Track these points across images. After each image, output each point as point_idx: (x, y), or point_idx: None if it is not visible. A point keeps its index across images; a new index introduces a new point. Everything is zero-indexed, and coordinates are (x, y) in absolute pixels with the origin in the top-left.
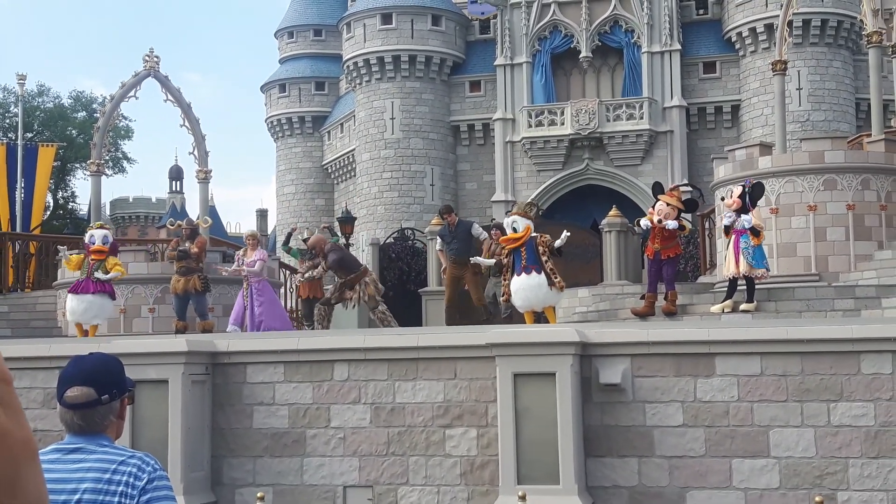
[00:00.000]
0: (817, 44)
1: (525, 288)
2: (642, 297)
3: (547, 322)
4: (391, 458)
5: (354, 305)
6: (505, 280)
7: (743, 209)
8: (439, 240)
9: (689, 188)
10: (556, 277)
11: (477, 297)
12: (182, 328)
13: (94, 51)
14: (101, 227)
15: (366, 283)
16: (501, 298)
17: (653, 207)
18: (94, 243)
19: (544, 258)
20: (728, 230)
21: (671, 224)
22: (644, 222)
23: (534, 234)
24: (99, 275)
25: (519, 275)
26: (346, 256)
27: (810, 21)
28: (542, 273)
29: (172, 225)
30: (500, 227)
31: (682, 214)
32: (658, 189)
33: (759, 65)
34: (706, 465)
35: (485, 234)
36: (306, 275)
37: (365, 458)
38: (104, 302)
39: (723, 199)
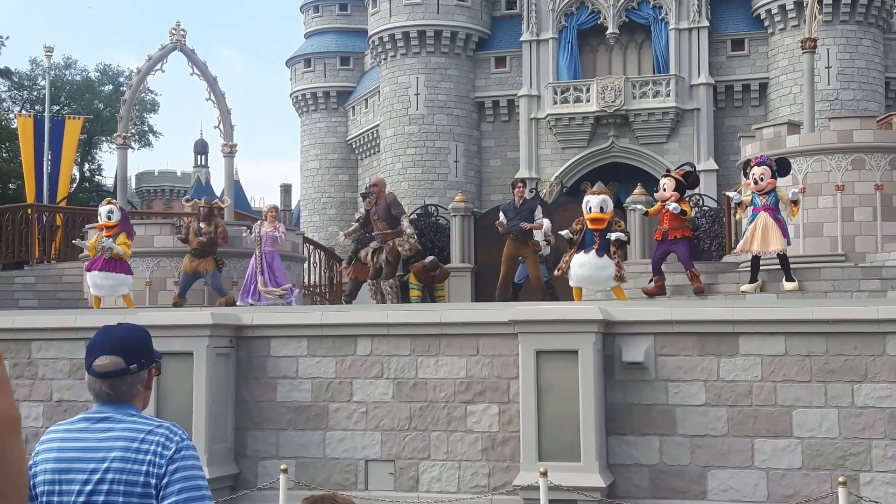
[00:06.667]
0: (847, 22)
1: (588, 266)
2: (651, 281)
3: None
4: (413, 433)
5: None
6: (567, 255)
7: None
8: (502, 214)
9: (686, 165)
10: (622, 271)
11: (535, 275)
12: (179, 305)
13: (122, 24)
14: (109, 202)
15: (398, 242)
16: (556, 272)
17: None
18: (101, 219)
19: (613, 249)
20: (740, 204)
21: (672, 206)
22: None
23: (613, 219)
24: (110, 243)
25: (588, 252)
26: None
27: None
28: (611, 259)
29: (188, 202)
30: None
31: (687, 191)
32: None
33: (788, 42)
34: (728, 444)
35: (542, 219)
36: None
37: (387, 432)
38: (117, 276)
39: (756, 182)
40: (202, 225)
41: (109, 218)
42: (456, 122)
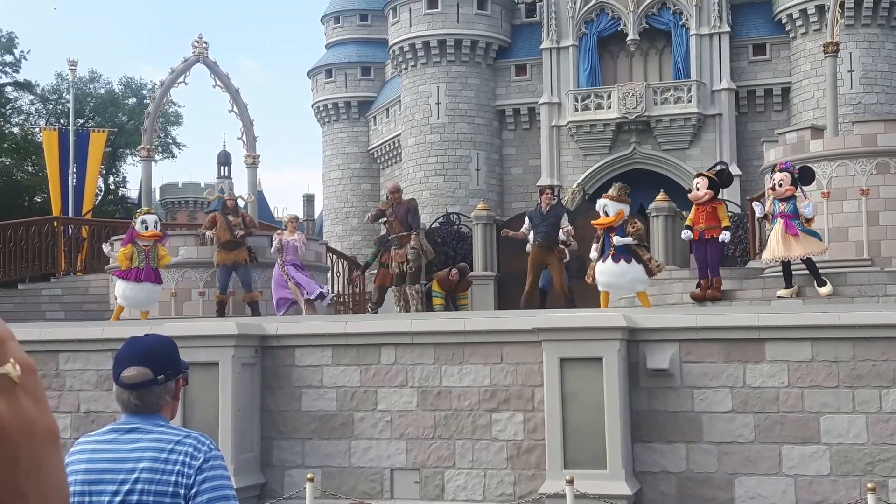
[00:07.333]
0: (869, 25)
1: (607, 273)
2: (697, 286)
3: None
4: (438, 442)
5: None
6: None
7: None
8: (528, 221)
9: (719, 164)
10: (651, 263)
11: (559, 282)
12: (223, 301)
13: (145, 37)
14: (149, 212)
15: (413, 245)
16: (587, 279)
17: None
18: (147, 228)
19: (637, 245)
20: (765, 217)
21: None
22: (686, 234)
23: (625, 219)
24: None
25: (604, 260)
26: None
27: (862, 2)
28: (633, 261)
29: (213, 196)
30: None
31: (721, 189)
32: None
33: (810, 47)
34: (755, 451)
35: (569, 227)
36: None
37: (412, 441)
38: (157, 289)
39: (774, 188)
40: (230, 217)
41: (157, 227)
42: (477, 130)
